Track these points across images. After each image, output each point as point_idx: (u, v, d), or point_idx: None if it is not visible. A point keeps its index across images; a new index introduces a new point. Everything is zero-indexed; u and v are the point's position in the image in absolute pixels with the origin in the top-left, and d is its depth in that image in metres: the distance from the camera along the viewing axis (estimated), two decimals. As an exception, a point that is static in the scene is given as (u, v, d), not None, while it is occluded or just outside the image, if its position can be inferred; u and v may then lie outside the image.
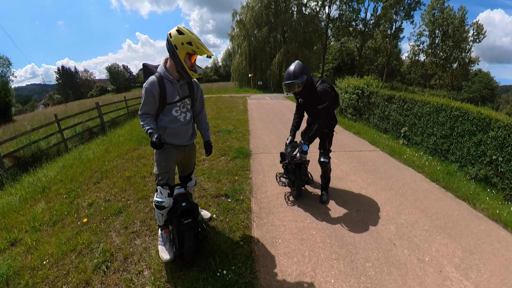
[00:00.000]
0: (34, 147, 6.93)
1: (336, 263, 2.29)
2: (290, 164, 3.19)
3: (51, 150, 7.36)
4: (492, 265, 2.35)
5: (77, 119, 9.57)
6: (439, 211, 3.23)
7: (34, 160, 6.52)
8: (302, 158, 3.01)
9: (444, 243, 2.61)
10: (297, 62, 2.92)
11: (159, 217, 2.25)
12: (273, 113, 11.12)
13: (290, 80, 2.85)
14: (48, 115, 14.82)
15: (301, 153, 2.97)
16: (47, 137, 7.50)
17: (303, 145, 2.96)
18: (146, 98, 2.00)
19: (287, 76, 2.88)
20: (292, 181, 3.29)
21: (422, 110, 5.80)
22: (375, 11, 37.72)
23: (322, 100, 2.90)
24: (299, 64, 2.88)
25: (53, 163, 6.11)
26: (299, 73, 2.81)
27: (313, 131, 2.95)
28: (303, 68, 2.85)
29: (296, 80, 2.82)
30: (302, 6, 33.93)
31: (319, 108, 2.93)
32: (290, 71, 2.86)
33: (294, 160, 3.07)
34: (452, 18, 35.57)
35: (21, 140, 7.15)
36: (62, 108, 22.99)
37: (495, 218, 3.12)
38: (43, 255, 2.56)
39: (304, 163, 3.22)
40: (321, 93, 2.88)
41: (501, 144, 3.99)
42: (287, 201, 3.39)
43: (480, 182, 4.29)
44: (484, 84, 40.82)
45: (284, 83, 2.91)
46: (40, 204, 3.73)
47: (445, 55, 37.66)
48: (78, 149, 7.18)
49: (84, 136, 8.96)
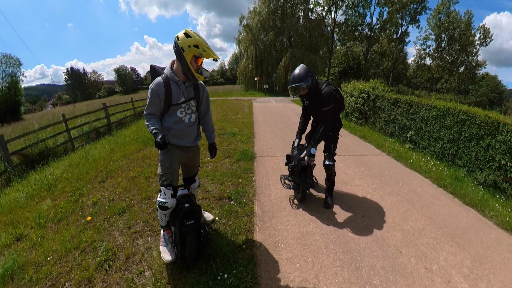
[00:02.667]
0: (41, 145, 7.01)
1: (340, 271, 2.24)
2: (296, 166, 3.18)
3: (58, 148, 7.46)
4: (503, 276, 2.26)
5: (84, 119, 9.71)
6: (447, 218, 3.15)
7: (41, 158, 6.62)
8: (309, 161, 3.00)
9: (453, 252, 2.53)
10: (301, 65, 2.95)
11: (162, 218, 2.25)
12: (279, 116, 11.10)
13: (295, 83, 2.88)
14: (56, 115, 15.04)
15: (309, 156, 2.96)
16: (54, 136, 7.63)
17: (311, 148, 2.96)
18: (151, 98, 2.02)
19: (292, 80, 2.92)
20: (297, 184, 3.26)
21: (428, 114, 5.72)
22: (381, 16, 37.69)
23: (327, 102, 2.93)
24: (303, 68, 2.92)
25: (60, 162, 6.19)
26: (304, 76, 2.85)
27: (319, 133, 2.98)
28: (307, 71, 2.88)
29: (301, 83, 2.85)
30: (308, 11, 34.19)
31: (324, 110, 2.95)
32: (295, 75, 2.90)
33: (301, 163, 3.04)
34: (458, 22, 35.31)
35: (29, 138, 7.30)
36: (70, 108, 23.38)
37: (505, 226, 3.01)
38: (47, 251, 2.60)
39: (311, 166, 3.21)
40: (326, 95, 2.91)
41: (510, 148, 3.89)
42: (291, 205, 3.36)
43: (489, 188, 4.18)
44: (491, 87, 40.14)
45: (290, 86, 2.95)
46: (46, 202, 3.79)
47: (451, 59, 37.33)
48: (84, 148, 7.26)
49: (90, 136, 9.08)
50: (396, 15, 36.52)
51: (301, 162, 3.04)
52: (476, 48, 36.52)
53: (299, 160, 3.07)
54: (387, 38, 39.74)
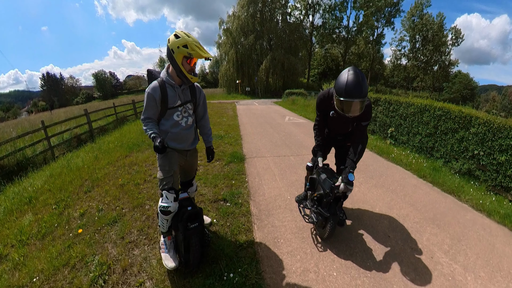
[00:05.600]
0: (19, 155, 6.54)
1: (336, 258, 2.41)
2: (328, 196, 2.40)
3: (37, 158, 6.98)
4: (478, 249, 2.57)
5: (64, 126, 9.20)
6: (428, 204, 3.43)
7: (20, 169, 6.15)
8: (346, 190, 2.28)
9: (434, 233, 2.81)
10: (358, 70, 2.12)
11: (163, 224, 2.18)
12: (263, 118, 11.30)
13: (363, 97, 2.06)
14: (32, 122, 14.06)
15: (347, 184, 2.26)
16: (33, 145, 7.13)
17: (349, 174, 2.28)
18: (148, 102, 2.02)
19: (358, 91, 2.04)
20: (325, 218, 2.48)
21: (407, 111, 6.11)
22: (357, 19, 39.41)
23: (369, 115, 2.37)
24: (363, 74, 2.11)
25: (40, 172, 5.84)
26: (367, 87, 2.12)
27: (358, 154, 2.40)
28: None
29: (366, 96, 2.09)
30: (286, 15, 35.10)
31: (363, 125, 2.41)
32: (362, 84, 2.04)
33: (336, 193, 2.34)
34: (431, 23, 37.68)
35: (5, 147, 6.76)
36: (47, 115, 21.63)
37: (479, 208, 3.37)
38: (33, 271, 2.36)
39: (345, 196, 2.50)
40: (369, 108, 2.31)
41: (481, 139, 4.29)
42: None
43: (464, 176, 4.57)
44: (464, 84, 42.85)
45: (355, 101, 2.06)
46: (27, 216, 3.51)
47: (425, 59, 39.70)
48: (65, 157, 6.89)
49: (71, 143, 8.61)
50: (372, 18, 38.38)
51: (335, 191, 2.33)
52: (448, 48, 39.25)
53: (332, 189, 2.34)
54: (364, 40, 41.54)
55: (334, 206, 2.44)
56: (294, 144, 6.52)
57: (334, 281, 2.13)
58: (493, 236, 2.80)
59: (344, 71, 2.13)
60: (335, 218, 2.41)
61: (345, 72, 2.12)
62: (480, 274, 2.24)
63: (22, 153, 6.71)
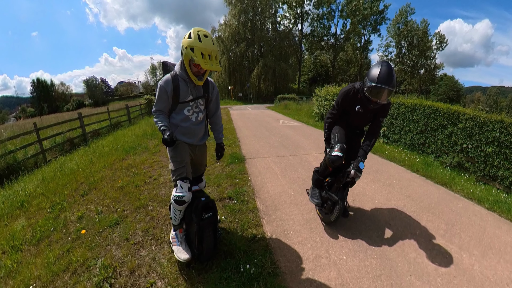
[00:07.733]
0: (10, 157, 6.32)
1: (344, 243, 2.58)
2: (340, 181, 2.69)
3: (29, 161, 6.79)
4: (470, 232, 2.82)
5: (56, 129, 9.02)
6: (423, 195, 3.67)
7: (10, 173, 5.94)
8: (355, 176, 2.51)
9: (430, 220, 3.03)
10: (389, 63, 2.29)
11: (176, 215, 2.15)
12: (258, 122, 11.53)
13: (393, 87, 2.22)
14: (22, 127, 13.60)
15: (357, 171, 2.48)
16: (24, 147, 6.97)
17: (360, 162, 2.50)
18: (160, 95, 2.02)
19: (388, 80, 2.21)
20: (333, 203, 2.69)
21: (398, 111, 6.42)
22: (345, 27, 40.71)
23: (387, 112, 2.62)
24: (392, 67, 2.29)
25: (31, 176, 5.67)
26: (396, 80, 2.29)
27: (371, 145, 2.63)
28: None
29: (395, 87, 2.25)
30: (276, 23, 36.15)
31: (381, 120, 2.65)
32: (393, 75, 2.22)
33: (347, 177, 2.58)
34: (415, 30, 39.23)
35: None
36: (37, 121, 21.01)
37: (469, 196, 3.65)
38: (28, 278, 2.20)
39: (353, 183, 2.71)
40: (388, 104, 2.56)
41: (469, 133, 4.60)
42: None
43: (454, 169, 4.86)
44: (450, 87, 44.52)
45: (386, 88, 2.21)
46: (19, 221, 3.34)
47: (412, 63, 41.13)
48: (58, 160, 6.72)
49: (64, 147, 8.43)
50: (358, 25, 39.69)
51: (347, 176, 2.57)
52: (433, 52, 40.84)
53: (343, 174, 2.63)
54: (351, 47, 42.83)
55: (342, 192, 2.69)
56: (291, 145, 6.72)
57: (344, 264, 2.29)
58: (484, 221, 3.04)
59: (377, 62, 2.34)
60: (343, 203, 2.63)
61: (378, 63, 2.31)
62: (474, 253, 2.46)
63: (13, 156, 6.48)
